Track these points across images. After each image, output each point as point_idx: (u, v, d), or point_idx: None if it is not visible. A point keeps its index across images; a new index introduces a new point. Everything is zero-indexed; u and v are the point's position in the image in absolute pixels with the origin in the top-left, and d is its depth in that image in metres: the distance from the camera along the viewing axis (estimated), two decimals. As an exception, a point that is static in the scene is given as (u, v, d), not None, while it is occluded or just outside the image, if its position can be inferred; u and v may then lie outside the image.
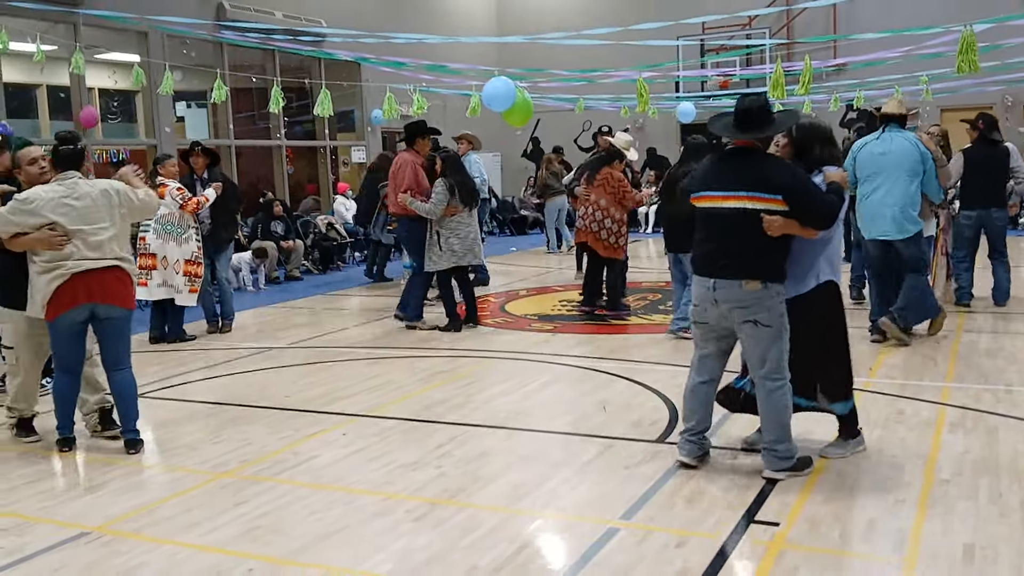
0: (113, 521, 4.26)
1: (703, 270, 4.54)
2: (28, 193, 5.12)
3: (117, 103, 16.01)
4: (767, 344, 4.42)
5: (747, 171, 4.41)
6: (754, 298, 4.37)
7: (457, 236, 8.48)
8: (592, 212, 9.09)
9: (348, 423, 5.75)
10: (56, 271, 5.06)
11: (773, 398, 4.46)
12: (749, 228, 4.35)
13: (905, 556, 3.60)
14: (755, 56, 20.31)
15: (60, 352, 5.26)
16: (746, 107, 4.43)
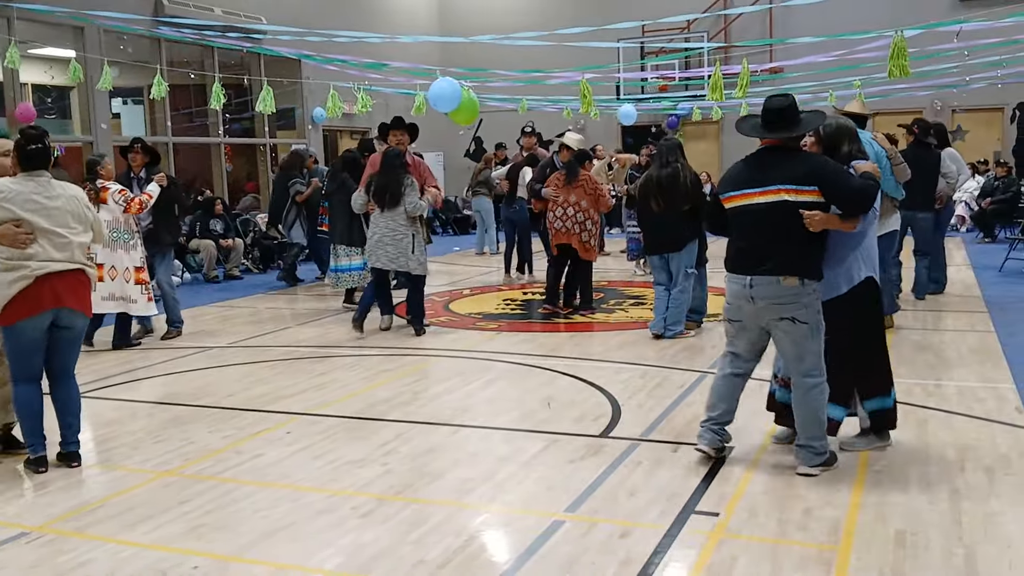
0: (54, 520, 4.20)
1: (739, 268, 4.53)
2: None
3: (52, 99, 15.66)
4: (804, 342, 4.42)
5: (780, 166, 4.44)
6: (792, 295, 4.37)
7: (370, 235, 8.39)
8: (573, 213, 8.99)
9: (292, 421, 5.73)
10: (19, 271, 4.70)
11: (811, 396, 4.46)
12: (786, 223, 4.37)
13: (840, 544, 3.72)
14: (694, 59, 20.63)
15: (22, 361, 4.84)
16: (775, 107, 4.48)
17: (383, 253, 8.20)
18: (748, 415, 5.51)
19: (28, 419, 4.90)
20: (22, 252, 4.70)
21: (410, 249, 8.15)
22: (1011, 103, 19.06)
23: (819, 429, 4.48)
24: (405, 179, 8.18)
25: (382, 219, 8.19)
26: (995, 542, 3.69)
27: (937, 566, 3.49)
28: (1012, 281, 10.88)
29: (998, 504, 4.07)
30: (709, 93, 11.40)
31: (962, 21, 12.27)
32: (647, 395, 6.10)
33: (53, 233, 4.78)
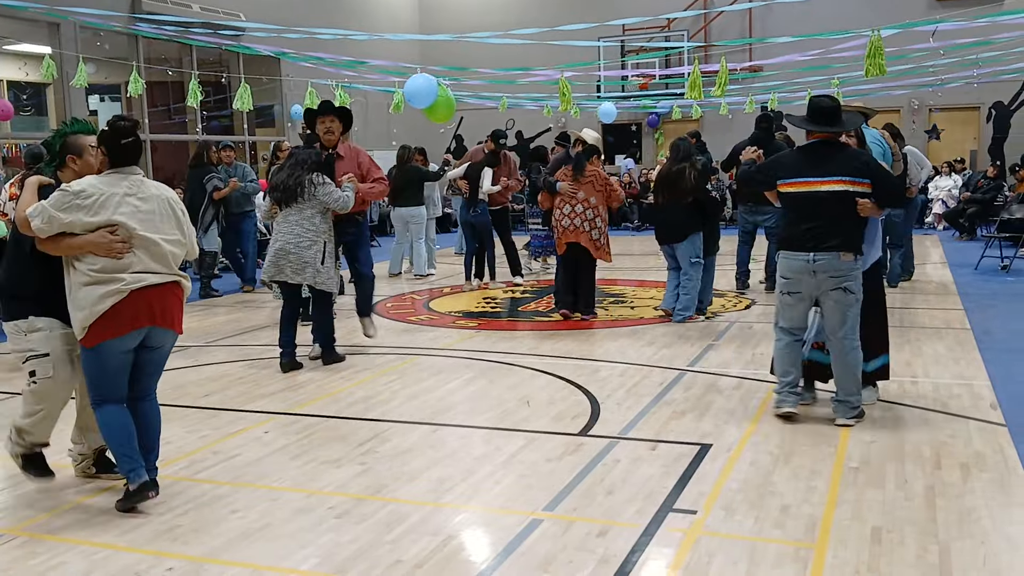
0: (27, 523, 4.15)
1: (801, 246, 5.18)
2: (84, 184, 4.13)
3: (27, 95, 15.51)
4: (849, 309, 5.16)
5: (840, 160, 5.17)
6: (847, 268, 5.12)
7: (271, 244, 7.13)
8: (583, 211, 8.54)
9: (269, 421, 5.69)
10: (111, 285, 4.08)
11: (850, 356, 5.21)
12: (843, 208, 5.12)
13: (816, 541, 3.73)
14: (674, 58, 20.70)
15: (105, 384, 4.24)
16: (828, 107, 5.24)
17: (287, 264, 6.89)
18: (725, 415, 5.55)
19: (123, 443, 4.24)
20: (116, 263, 4.11)
21: (319, 259, 6.89)
22: (987, 102, 19.23)
23: (856, 385, 5.24)
24: (312, 175, 6.88)
25: (284, 224, 6.92)
26: (970, 538, 3.71)
27: (913, 562, 3.51)
28: (988, 279, 10.98)
29: (973, 501, 4.10)
30: (688, 91, 11.43)
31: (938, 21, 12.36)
32: (626, 393, 6.11)
33: (149, 240, 4.19)
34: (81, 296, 4.10)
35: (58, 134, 4.44)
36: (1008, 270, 11.48)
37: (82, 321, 4.10)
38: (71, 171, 4.35)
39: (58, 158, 4.39)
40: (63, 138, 4.39)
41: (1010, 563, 3.51)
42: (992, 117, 19.35)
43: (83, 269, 4.10)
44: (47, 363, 4.31)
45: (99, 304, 4.08)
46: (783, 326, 5.39)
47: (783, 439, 5.03)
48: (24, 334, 4.32)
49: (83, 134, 4.41)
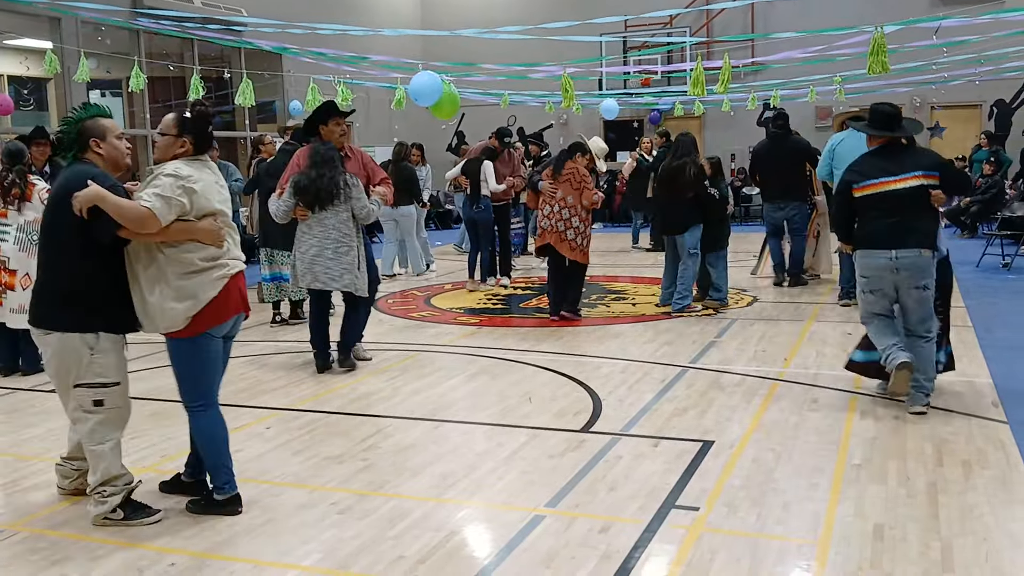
0: (29, 518, 4.15)
1: (883, 243, 5.36)
2: (183, 168, 3.97)
3: (28, 90, 15.49)
4: (927, 304, 5.42)
5: (912, 157, 5.48)
6: (927, 264, 5.36)
7: (298, 250, 6.69)
8: (559, 210, 8.37)
9: (271, 417, 5.70)
10: (218, 271, 4.01)
11: (928, 349, 5.43)
12: (921, 205, 5.35)
13: (819, 537, 3.73)
14: (676, 54, 20.67)
15: (204, 381, 4.11)
16: (888, 112, 5.56)
17: (322, 271, 6.59)
18: (727, 411, 5.55)
19: (223, 452, 4.15)
20: (217, 250, 4.03)
21: (356, 264, 6.64)
22: (989, 100, 19.20)
23: (932, 373, 5.47)
24: (347, 176, 6.60)
25: (318, 227, 6.59)
26: (972, 535, 3.71)
27: (915, 559, 3.51)
28: (989, 276, 10.97)
29: (975, 497, 4.10)
30: (690, 88, 11.41)
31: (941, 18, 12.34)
32: (628, 390, 6.10)
33: (232, 226, 4.17)
34: (186, 285, 3.94)
35: (73, 121, 4.10)
36: (1009, 268, 11.46)
37: (187, 311, 3.94)
38: (96, 156, 4.06)
39: (76, 145, 4.07)
40: (79, 124, 4.07)
41: (1012, 560, 3.51)
42: (994, 115, 19.32)
43: (189, 258, 3.95)
44: (116, 393, 4.06)
45: (210, 290, 3.98)
46: (873, 313, 5.53)
47: (785, 436, 5.03)
48: (91, 351, 3.97)
49: (101, 117, 4.13)
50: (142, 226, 3.84)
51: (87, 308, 3.96)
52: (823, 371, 6.48)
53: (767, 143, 10.63)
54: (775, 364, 6.74)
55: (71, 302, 3.95)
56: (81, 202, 3.82)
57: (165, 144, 4.10)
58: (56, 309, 3.98)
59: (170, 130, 4.09)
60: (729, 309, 9.06)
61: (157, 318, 3.97)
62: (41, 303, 4.05)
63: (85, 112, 4.12)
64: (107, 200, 3.82)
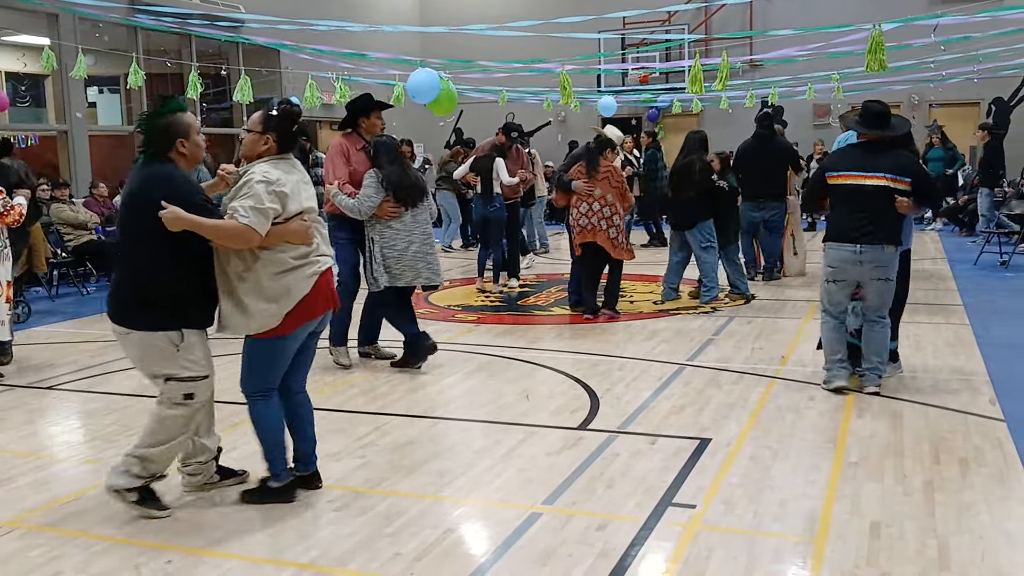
0: (26, 515, 4.15)
1: (848, 237, 5.61)
2: (271, 171, 3.97)
3: (26, 87, 15.47)
4: (886, 294, 5.69)
5: (885, 158, 5.62)
6: (889, 259, 5.61)
7: (392, 248, 6.50)
8: (599, 209, 8.25)
9: (269, 413, 5.68)
10: (310, 268, 4.03)
11: (882, 332, 5.78)
12: (885, 203, 5.56)
13: (816, 535, 3.74)
14: (674, 51, 20.66)
15: (271, 374, 4.16)
16: (876, 110, 5.72)
17: (425, 266, 6.59)
18: (725, 409, 5.55)
19: (279, 439, 4.20)
20: (308, 248, 4.05)
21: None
22: (987, 98, 19.18)
23: (884, 356, 5.83)
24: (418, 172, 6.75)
25: (416, 224, 6.54)
26: (968, 533, 3.72)
27: (912, 557, 3.51)
28: (987, 274, 10.98)
29: (971, 496, 4.11)
30: (689, 86, 11.40)
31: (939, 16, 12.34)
32: (625, 387, 6.11)
33: (319, 221, 4.19)
34: (279, 284, 3.95)
35: (158, 115, 3.96)
36: (1007, 266, 11.48)
37: (280, 309, 3.95)
38: (179, 155, 3.97)
39: (161, 143, 3.94)
40: (164, 118, 3.94)
41: (1009, 558, 3.52)
42: (992, 113, 19.32)
43: (282, 258, 3.96)
44: (206, 385, 4.08)
45: (303, 288, 3.99)
46: (829, 309, 5.86)
47: (782, 434, 5.03)
48: (176, 349, 3.93)
49: (182, 112, 4.01)
50: (241, 242, 3.86)
51: (170, 309, 3.92)
52: (820, 369, 6.47)
53: (752, 143, 10.70)
54: (772, 362, 6.74)
55: (152, 303, 3.90)
56: (170, 224, 3.78)
57: (251, 141, 4.10)
58: (137, 309, 3.92)
59: (255, 127, 4.09)
60: (726, 307, 9.07)
61: (251, 319, 3.97)
62: (120, 301, 3.99)
63: (167, 107, 4.00)
64: (202, 226, 3.82)
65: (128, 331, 3.94)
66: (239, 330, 4.03)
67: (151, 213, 3.78)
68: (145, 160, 3.99)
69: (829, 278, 5.78)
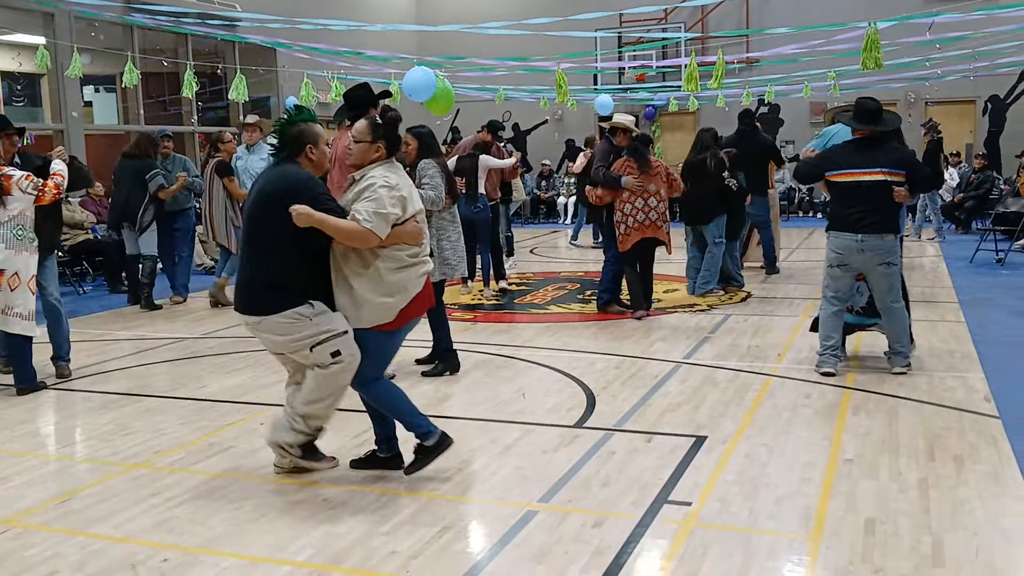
0: (23, 514, 4.15)
1: (850, 227, 5.96)
2: (390, 176, 4.18)
3: (21, 86, 15.45)
4: (892, 278, 6.03)
5: (882, 153, 5.99)
6: (889, 246, 5.97)
7: (448, 239, 6.53)
8: (656, 204, 8.24)
9: (265, 413, 5.69)
10: (422, 267, 4.27)
11: (899, 314, 6.13)
12: (884, 196, 5.95)
13: (811, 532, 3.75)
14: (670, 50, 20.66)
15: (384, 362, 4.44)
16: (869, 107, 6.03)
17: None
18: (720, 407, 5.56)
19: (409, 406, 4.44)
20: (419, 247, 4.26)
21: None
22: (983, 96, 19.23)
23: (906, 337, 6.18)
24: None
25: (455, 217, 6.70)
26: (963, 530, 3.73)
27: (906, 554, 3.52)
28: (983, 272, 11.00)
29: (966, 492, 4.12)
30: (684, 84, 11.43)
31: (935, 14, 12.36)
32: (622, 385, 6.12)
33: (424, 223, 4.36)
34: (395, 280, 4.17)
35: (291, 123, 4.23)
36: (1003, 263, 11.50)
37: (396, 304, 4.18)
38: (308, 161, 4.24)
39: (293, 147, 4.21)
40: (296, 126, 4.22)
41: (1003, 554, 3.53)
42: (988, 110, 19.35)
43: (399, 256, 4.17)
44: (348, 340, 4.20)
45: (417, 284, 4.24)
46: (831, 296, 6.18)
47: (778, 431, 5.04)
48: (309, 319, 4.13)
49: (314, 123, 4.28)
50: (361, 243, 4.08)
51: (297, 292, 4.14)
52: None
53: (735, 139, 10.72)
54: (769, 360, 6.76)
55: (281, 289, 4.13)
56: (299, 221, 4.00)
57: (361, 151, 4.27)
58: (265, 296, 4.14)
59: (365, 136, 4.25)
60: (723, 305, 9.08)
61: (367, 313, 4.17)
62: (249, 293, 4.21)
63: (300, 115, 4.27)
64: (327, 224, 4.02)
65: (260, 318, 4.16)
66: (353, 323, 4.21)
67: (282, 211, 4.02)
68: (277, 162, 4.28)
69: (833, 263, 6.10)
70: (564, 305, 9.32)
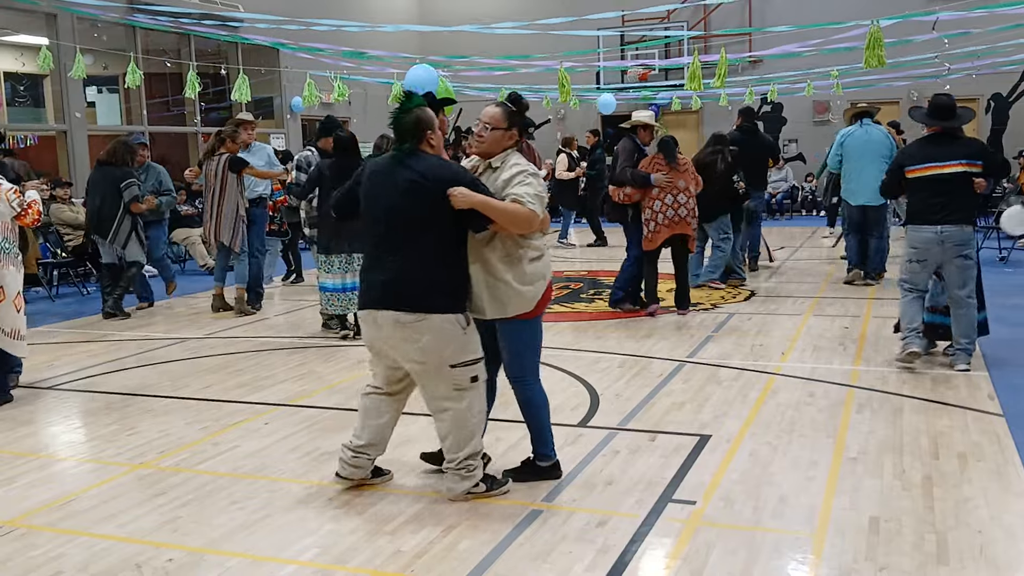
0: (27, 515, 4.15)
1: (930, 219, 6.12)
2: (527, 163, 4.19)
3: (24, 87, 15.47)
4: (969, 272, 6.13)
5: (959, 146, 6.20)
6: (968, 238, 6.12)
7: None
8: (685, 200, 8.32)
9: (269, 412, 5.70)
10: (547, 254, 4.28)
11: (970, 311, 6.19)
12: (963, 187, 6.11)
13: (815, 530, 3.75)
14: (673, 48, 20.65)
15: (537, 355, 4.35)
16: (944, 104, 6.23)
17: None
18: (724, 405, 5.56)
19: (546, 422, 4.38)
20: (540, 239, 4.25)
21: None
22: (986, 94, 19.19)
23: (973, 334, 6.26)
24: None
25: None
26: (967, 528, 3.72)
27: (910, 552, 3.52)
28: (985, 269, 10.93)
29: (970, 490, 4.12)
30: (687, 82, 11.42)
31: (937, 12, 12.33)
32: (625, 384, 6.12)
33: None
34: (533, 268, 4.14)
35: (406, 110, 4.08)
36: (1006, 261, 11.48)
37: (536, 291, 4.15)
38: (428, 147, 4.10)
39: (416, 135, 4.06)
40: (412, 112, 4.07)
41: (1007, 552, 3.52)
42: (991, 108, 19.32)
43: (537, 244, 4.18)
44: (483, 367, 4.16)
45: (550, 271, 4.26)
46: (907, 286, 6.33)
47: (782, 430, 5.04)
48: (463, 331, 4.04)
49: (426, 107, 4.16)
50: (525, 227, 4.03)
51: (454, 293, 4.07)
52: (820, 365, 6.49)
53: (737, 136, 10.74)
54: (772, 358, 6.75)
55: (440, 287, 4.02)
56: (459, 203, 3.92)
57: (495, 138, 4.20)
58: (428, 294, 4.00)
59: (501, 123, 4.19)
60: (726, 304, 9.07)
61: (509, 302, 4.12)
62: (410, 288, 4.01)
63: (413, 102, 4.13)
64: (491, 206, 3.96)
65: (424, 316, 3.97)
66: (494, 313, 4.14)
67: (432, 200, 3.94)
68: (406, 153, 4.07)
69: (912, 258, 6.26)
70: (567, 304, 9.31)
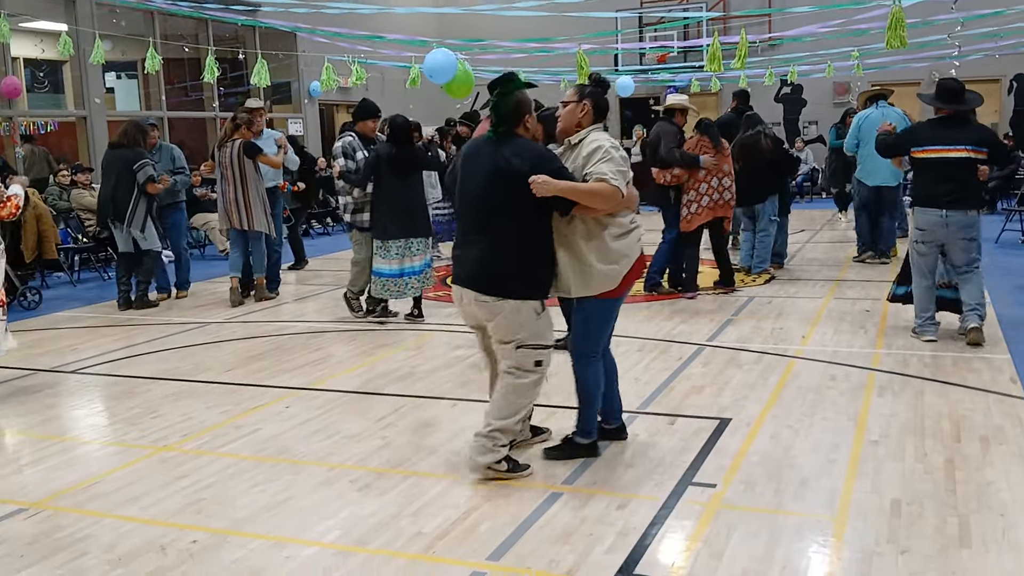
0: (53, 496, 4.21)
1: (935, 203, 6.21)
2: (607, 140, 4.15)
3: (44, 73, 15.54)
4: (973, 249, 6.29)
5: (969, 131, 6.26)
6: (973, 221, 6.23)
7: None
8: (728, 184, 8.44)
9: (290, 396, 5.74)
10: (639, 231, 4.24)
11: (976, 279, 6.37)
12: (968, 172, 6.21)
13: (836, 514, 3.74)
14: (692, 30, 20.49)
15: (606, 333, 4.38)
16: (953, 87, 6.29)
17: None
18: (744, 389, 5.55)
19: (595, 401, 4.41)
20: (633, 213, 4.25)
21: None
22: (1008, 74, 18.96)
23: (982, 297, 6.40)
24: None
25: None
26: (989, 511, 3.71)
27: (931, 535, 3.51)
28: (1008, 253, 10.88)
29: (992, 473, 4.09)
30: (707, 64, 11.34)
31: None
32: (644, 368, 6.11)
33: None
34: (618, 247, 4.13)
35: (508, 92, 4.09)
36: (1030, 243, 11.37)
37: (621, 270, 4.14)
38: (524, 130, 4.14)
39: (514, 118, 4.10)
40: (513, 95, 4.09)
41: (1031, 536, 3.51)
42: (1013, 89, 19.09)
43: (623, 222, 4.16)
44: (549, 354, 4.21)
45: (636, 251, 4.22)
46: (919, 273, 6.44)
47: (803, 413, 5.02)
48: (537, 316, 4.11)
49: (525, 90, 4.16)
50: (610, 204, 4.03)
51: (535, 278, 4.12)
52: (841, 348, 6.46)
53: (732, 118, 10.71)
54: (793, 342, 6.73)
55: (520, 273, 4.07)
56: (541, 191, 3.93)
57: (568, 112, 4.23)
58: (507, 279, 4.06)
59: (572, 96, 4.23)
60: (746, 287, 9.03)
61: (593, 281, 4.14)
62: (488, 272, 4.08)
63: (516, 84, 4.14)
64: (575, 189, 3.98)
65: (500, 299, 4.04)
66: (579, 292, 4.18)
67: (519, 184, 3.96)
68: (501, 135, 4.11)
69: (918, 239, 6.35)
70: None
